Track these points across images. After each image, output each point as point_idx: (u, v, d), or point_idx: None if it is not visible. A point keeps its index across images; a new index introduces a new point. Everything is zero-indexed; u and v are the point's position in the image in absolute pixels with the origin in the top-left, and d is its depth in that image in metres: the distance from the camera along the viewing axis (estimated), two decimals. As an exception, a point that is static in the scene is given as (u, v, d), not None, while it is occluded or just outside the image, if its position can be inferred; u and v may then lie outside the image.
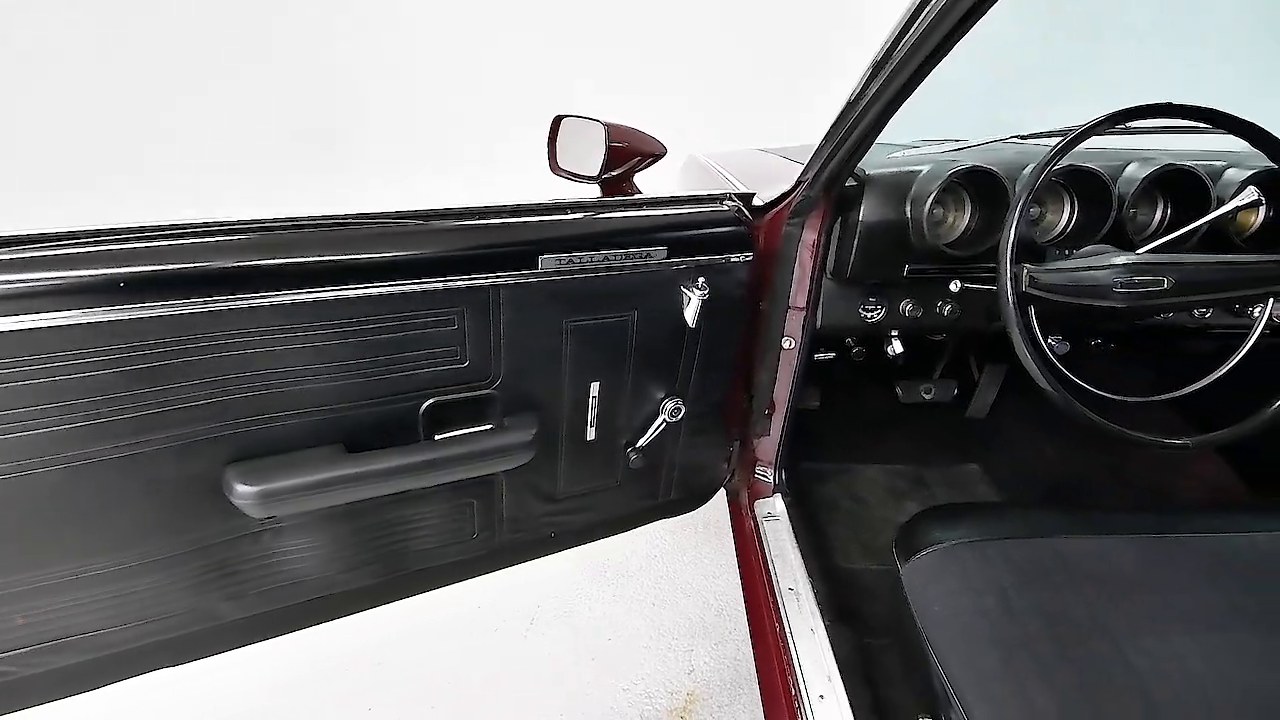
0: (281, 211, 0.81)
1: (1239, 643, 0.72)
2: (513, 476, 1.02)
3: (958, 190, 1.08)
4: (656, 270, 0.96)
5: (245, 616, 0.97)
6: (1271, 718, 0.65)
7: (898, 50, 0.77)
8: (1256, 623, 0.74)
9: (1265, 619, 0.75)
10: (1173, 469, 1.60)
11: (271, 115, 3.90)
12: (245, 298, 0.75)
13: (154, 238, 0.72)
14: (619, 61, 4.02)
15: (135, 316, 0.70)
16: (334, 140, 3.95)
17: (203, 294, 0.73)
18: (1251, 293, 0.90)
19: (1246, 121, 0.89)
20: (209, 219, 0.76)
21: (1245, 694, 0.67)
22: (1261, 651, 0.71)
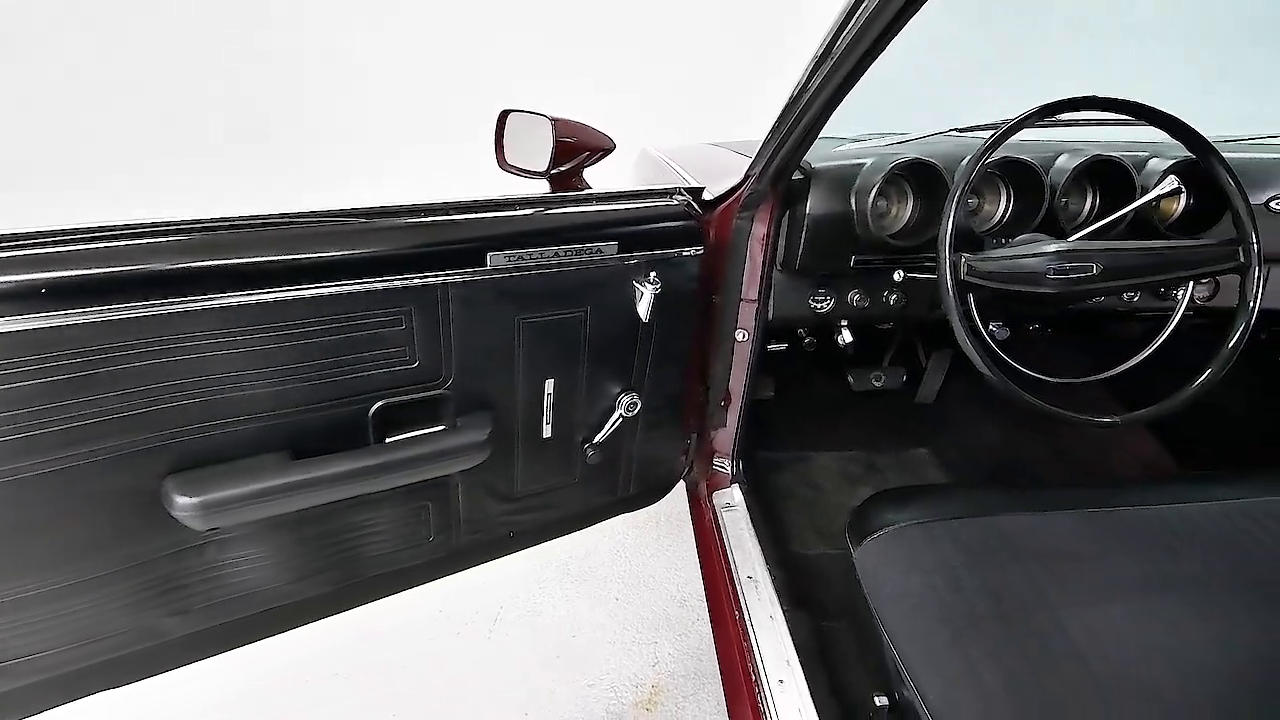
0: (218, 211, 0.78)
1: (1169, 608, 0.76)
2: (468, 477, 1.01)
3: (900, 182, 1.11)
4: (608, 265, 0.96)
5: (192, 632, 0.93)
6: (1199, 677, 0.69)
7: (837, 45, 0.79)
8: (1185, 589, 0.79)
9: (1193, 585, 0.79)
10: (1108, 446, 1.68)
11: (211, 113, 3.76)
12: (179, 301, 0.72)
13: (77, 241, 0.69)
14: (570, 56, 3.99)
15: (59, 324, 0.67)
16: (271, 139, 3.82)
17: (132, 299, 0.69)
18: (1173, 276, 0.95)
19: (1164, 113, 0.94)
20: (139, 220, 0.73)
21: (1174, 656, 0.71)
22: (1189, 615, 0.75)
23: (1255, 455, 1.65)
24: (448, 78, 3.92)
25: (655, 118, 3.71)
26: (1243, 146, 1.32)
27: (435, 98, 3.91)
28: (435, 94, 3.91)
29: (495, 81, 3.90)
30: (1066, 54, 2.80)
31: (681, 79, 4.02)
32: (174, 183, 3.52)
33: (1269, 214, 1.16)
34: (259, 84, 3.82)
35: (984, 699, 0.68)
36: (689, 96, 3.99)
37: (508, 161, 1.09)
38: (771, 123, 1.00)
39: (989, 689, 0.69)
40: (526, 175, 1.08)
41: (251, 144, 3.79)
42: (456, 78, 3.91)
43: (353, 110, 3.93)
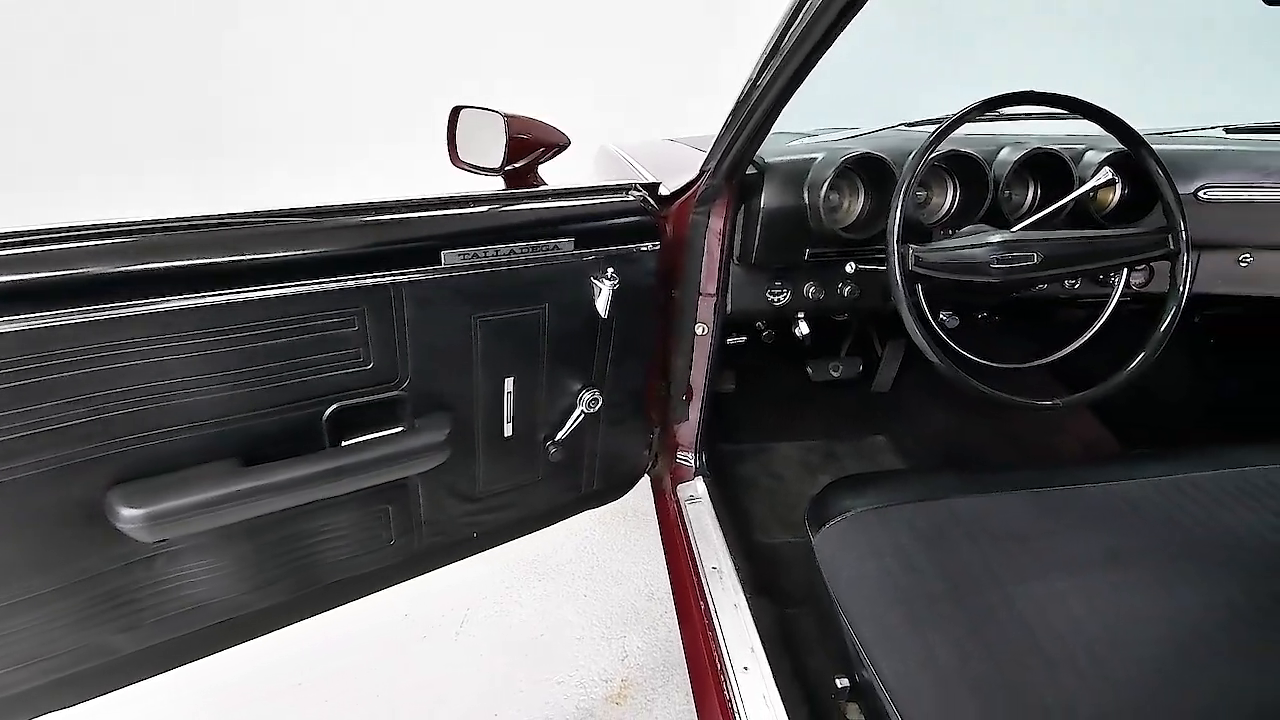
0: (161, 212, 0.76)
1: (1111, 581, 0.80)
2: (428, 479, 1.00)
3: (851, 176, 1.13)
4: (565, 262, 0.96)
5: (143, 648, 0.90)
6: (1141, 644, 0.72)
7: (785, 42, 0.80)
8: (1126, 562, 0.82)
9: (1133, 558, 0.83)
10: (1054, 428, 1.75)
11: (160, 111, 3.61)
12: (121, 306, 0.69)
13: (10, 245, 0.66)
14: (528, 51, 3.95)
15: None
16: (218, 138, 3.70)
17: (72, 304, 0.67)
18: (1108, 264, 0.99)
19: (1097, 107, 0.98)
20: (80, 222, 0.70)
21: (1117, 626, 0.74)
22: (1130, 586, 0.79)
23: (1190, 433, 1.73)
24: (404, 75, 3.85)
25: (619, 115, 3.71)
26: (1174, 139, 1.38)
27: (392, 95, 3.83)
28: (392, 91, 3.83)
29: (455, 78, 3.84)
30: (1011, 50, 2.89)
31: (642, 75, 4.02)
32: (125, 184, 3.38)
33: (1198, 203, 1.22)
34: (219, 82, 3.69)
35: (938, 675, 0.70)
36: (649, 92, 3.99)
37: (461, 158, 1.08)
38: (724, 118, 1.01)
39: (943, 665, 0.71)
40: (480, 172, 1.07)
41: (206, 143, 3.66)
42: (412, 75, 3.84)
43: (304, 109, 3.83)
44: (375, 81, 3.84)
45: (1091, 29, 2.88)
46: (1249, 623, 0.73)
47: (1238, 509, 0.87)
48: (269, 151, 3.74)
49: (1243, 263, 1.33)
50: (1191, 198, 1.20)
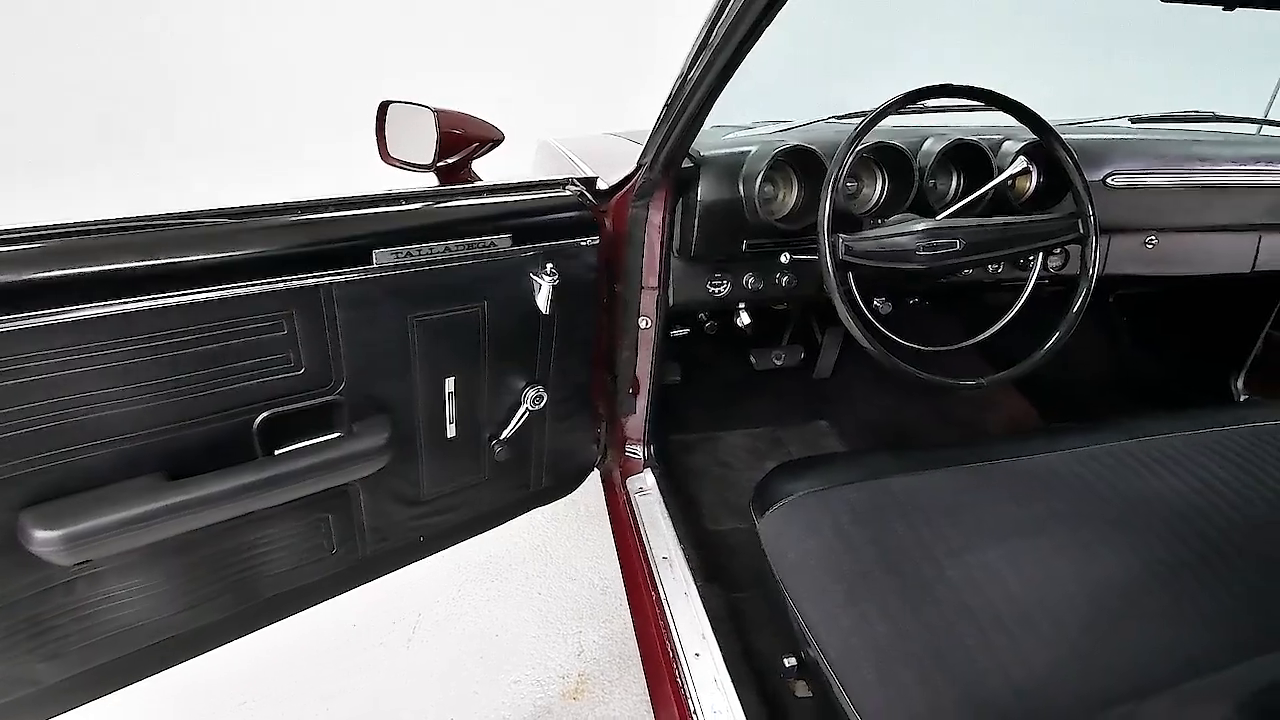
0: (71, 215, 0.71)
1: (1036, 548, 0.84)
2: (369, 484, 0.98)
3: (784, 168, 1.16)
4: (503, 259, 0.95)
5: (71, 676, 0.85)
6: (1065, 605, 0.76)
7: (713, 36, 0.81)
8: (1049, 529, 0.87)
9: (1056, 525, 0.88)
10: (983, 407, 1.83)
11: (73, 108, 3.39)
12: (29, 316, 0.65)
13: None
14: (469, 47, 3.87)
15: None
16: (135, 137, 3.50)
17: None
18: (1025, 249, 1.04)
19: (1010, 98, 1.03)
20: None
21: (1042, 589, 0.79)
22: (1053, 552, 0.84)
23: (1105, 406, 1.85)
24: (330, 70, 3.72)
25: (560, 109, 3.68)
26: (1084, 129, 1.46)
27: (317, 91, 3.70)
28: (316, 87, 3.70)
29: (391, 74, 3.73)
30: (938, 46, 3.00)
31: (581, 68, 4.00)
32: (30, 185, 3.16)
33: (1106, 189, 1.29)
34: (133, 75, 3.48)
35: (877, 647, 0.73)
36: (590, 85, 3.97)
37: (391, 155, 1.05)
38: (658, 113, 1.02)
39: (881, 638, 0.74)
40: (412, 168, 1.04)
41: (121, 144, 3.46)
42: (339, 70, 3.71)
43: (224, 104, 3.66)
44: (297, 77, 3.70)
45: (1012, 26, 3.02)
46: (1159, 579, 0.79)
47: (1145, 475, 0.93)
48: (187, 151, 3.56)
49: (1149, 244, 1.42)
50: (1100, 184, 1.28)
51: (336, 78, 3.66)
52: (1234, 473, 0.93)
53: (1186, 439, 1.00)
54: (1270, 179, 1.36)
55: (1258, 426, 1.02)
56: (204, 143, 3.60)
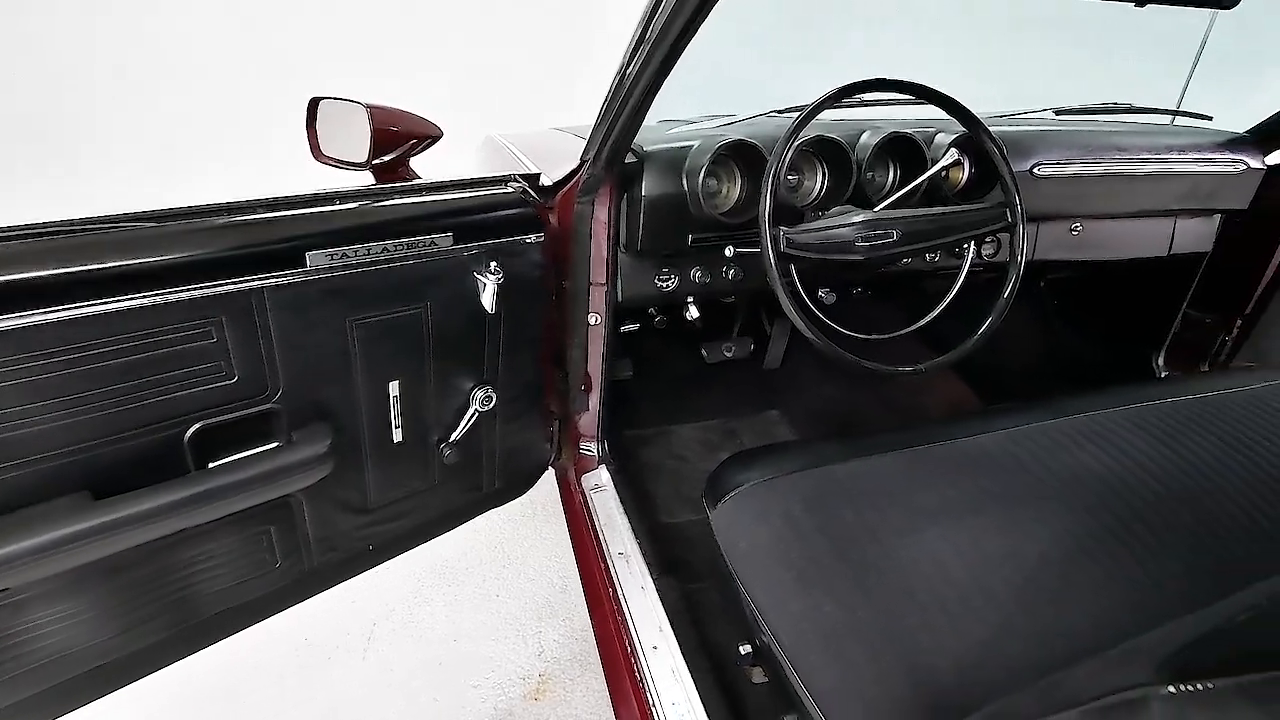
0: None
1: (974, 526, 0.87)
2: (313, 494, 0.95)
3: (727, 162, 1.17)
4: (444, 258, 0.93)
5: None
6: (1001, 580, 0.79)
7: (651, 30, 0.81)
8: (986, 508, 0.90)
9: (992, 503, 0.91)
10: (926, 391, 1.89)
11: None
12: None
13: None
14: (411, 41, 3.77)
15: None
16: (53, 138, 3.30)
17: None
18: (958, 238, 1.08)
19: (941, 92, 1.06)
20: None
21: (980, 566, 0.82)
22: (990, 529, 0.87)
23: (1037, 386, 1.93)
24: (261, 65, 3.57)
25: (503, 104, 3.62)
26: (1012, 121, 1.52)
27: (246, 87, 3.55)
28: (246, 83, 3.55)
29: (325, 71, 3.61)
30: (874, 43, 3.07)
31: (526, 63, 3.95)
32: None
33: (1033, 179, 1.35)
34: (42, 72, 3.27)
35: (826, 630, 0.75)
36: (534, 81, 3.93)
37: (324, 153, 1.02)
38: (599, 108, 1.01)
39: (829, 621, 0.76)
40: (346, 167, 1.01)
41: (38, 143, 3.25)
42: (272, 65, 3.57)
43: (144, 102, 3.48)
44: (225, 73, 3.54)
45: (943, 24, 3.11)
46: (1086, 551, 0.83)
47: (1074, 451, 0.98)
48: (105, 152, 3.38)
49: (1074, 231, 1.48)
50: (1027, 174, 1.33)
51: (266, 74, 3.52)
52: (1155, 446, 0.98)
53: (1111, 415, 1.06)
54: (1183, 167, 1.44)
55: (1176, 401, 1.08)
56: (123, 145, 3.42)
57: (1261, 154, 1.49)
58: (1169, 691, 0.41)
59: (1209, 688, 0.39)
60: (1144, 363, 1.78)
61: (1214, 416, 1.02)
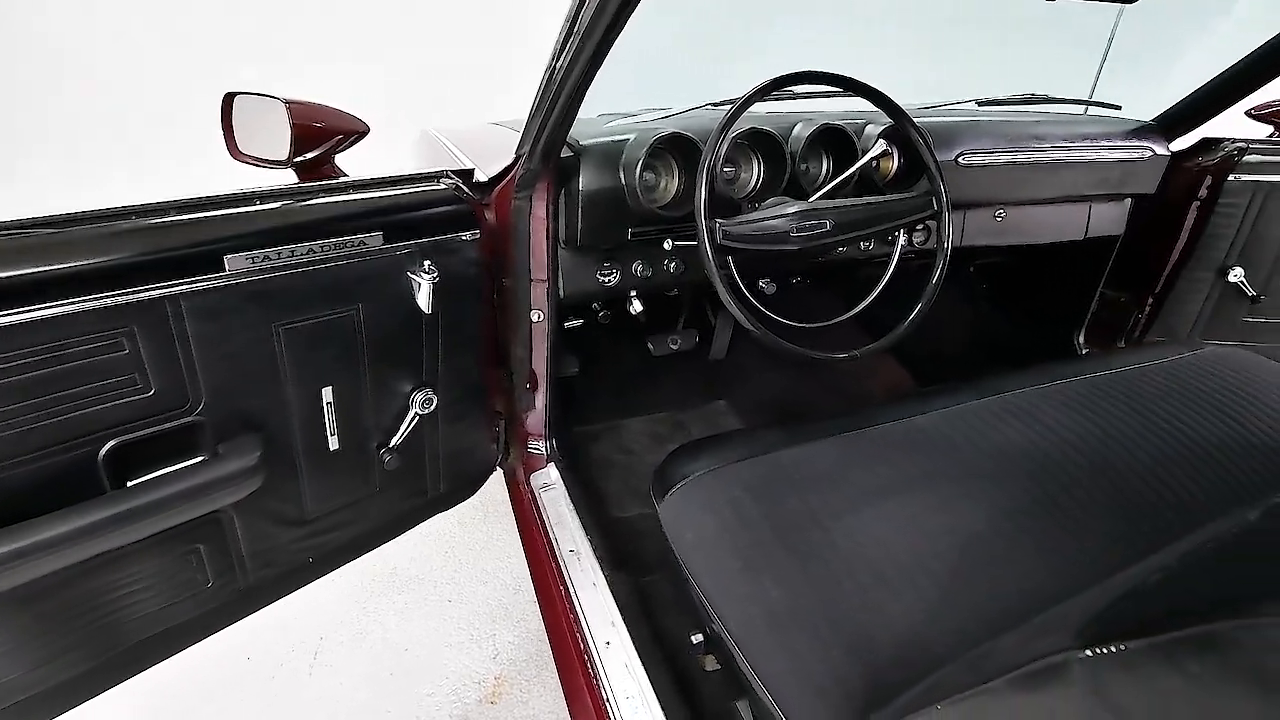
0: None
1: (911, 505, 0.90)
2: (244, 508, 0.91)
3: (664, 156, 1.17)
4: (375, 258, 0.90)
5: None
6: (939, 556, 0.82)
7: (579, 23, 0.80)
8: (922, 487, 0.93)
9: (927, 482, 0.94)
10: (865, 376, 1.95)
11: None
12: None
13: None
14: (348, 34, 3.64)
15: None
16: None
17: None
18: (888, 226, 1.11)
19: (867, 85, 1.09)
20: None
21: (915, 543, 0.84)
22: (926, 508, 0.90)
23: (970, 367, 2.01)
24: (174, 59, 3.39)
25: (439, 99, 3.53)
26: (937, 112, 1.57)
27: (158, 83, 3.36)
28: (157, 79, 3.36)
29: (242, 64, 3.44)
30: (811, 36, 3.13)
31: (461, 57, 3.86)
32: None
33: (958, 168, 1.39)
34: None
35: (773, 614, 0.76)
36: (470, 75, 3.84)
37: (242, 151, 0.97)
38: (532, 102, 1.00)
39: (775, 605, 0.77)
40: (266, 165, 0.97)
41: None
42: (186, 59, 3.39)
43: (41, 99, 3.26)
44: (126, 67, 3.34)
45: (866, 19, 3.20)
46: (1016, 523, 0.87)
47: (1002, 428, 1.02)
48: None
49: (998, 217, 1.55)
50: (953, 163, 1.37)
51: (174, 68, 3.34)
52: (1076, 420, 1.03)
53: (1036, 392, 1.10)
54: (1095, 154, 1.52)
55: (1095, 376, 1.13)
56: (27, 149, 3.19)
57: (1166, 141, 1.58)
58: (1087, 655, 0.43)
59: (1124, 649, 0.41)
60: (1066, 341, 1.88)
61: (1129, 389, 1.08)
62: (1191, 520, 0.82)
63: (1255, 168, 1.51)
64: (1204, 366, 1.11)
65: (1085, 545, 0.81)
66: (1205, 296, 1.66)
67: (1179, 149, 1.60)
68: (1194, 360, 1.14)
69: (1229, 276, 1.60)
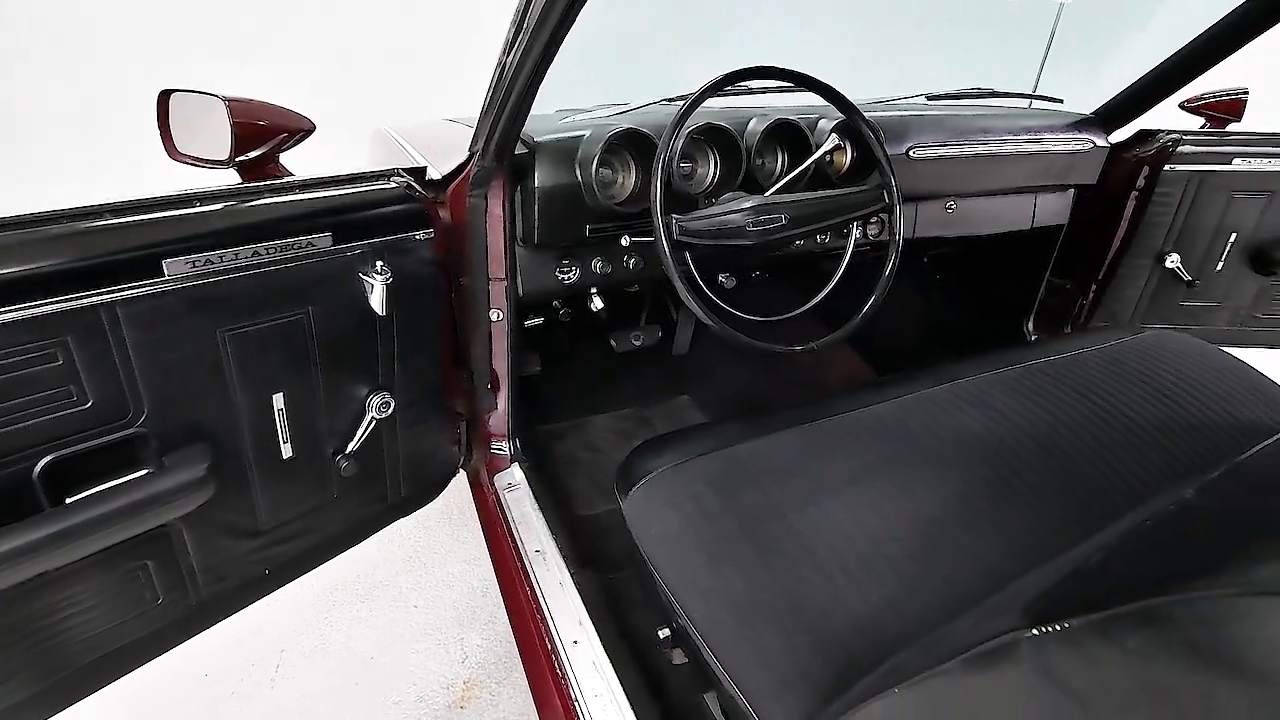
0: None
1: (870, 492, 0.92)
2: (194, 521, 0.88)
3: (621, 151, 1.16)
4: (325, 260, 0.88)
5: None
6: (897, 542, 0.84)
7: (528, 19, 0.79)
8: (880, 474, 0.95)
9: (885, 470, 0.96)
10: (825, 367, 1.98)
11: None
12: None
13: None
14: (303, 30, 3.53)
15: None
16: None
17: None
18: (842, 219, 1.13)
19: (818, 80, 1.10)
20: None
21: (874, 530, 0.86)
22: (884, 494, 0.92)
23: (925, 355, 2.06)
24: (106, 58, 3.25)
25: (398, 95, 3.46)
26: (889, 106, 1.60)
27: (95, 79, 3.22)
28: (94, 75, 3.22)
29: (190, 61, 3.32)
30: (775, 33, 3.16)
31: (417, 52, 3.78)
32: None
33: (909, 161, 1.42)
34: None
35: (736, 606, 0.77)
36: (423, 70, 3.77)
37: (180, 151, 0.94)
38: (484, 98, 0.98)
39: (739, 597, 0.78)
40: (207, 165, 0.93)
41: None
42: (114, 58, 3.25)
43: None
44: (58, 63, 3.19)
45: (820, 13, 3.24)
46: (970, 507, 0.89)
47: (955, 414, 1.05)
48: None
49: (949, 209, 1.58)
50: (904, 157, 1.40)
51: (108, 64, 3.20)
52: (1025, 404, 1.07)
53: (987, 379, 1.14)
54: (1039, 146, 1.56)
55: (1043, 361, 1.17)
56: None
57: (1105, 133, 1.64)
58: (1034, 634, 0.44)
59: (1067, 627, 0.42)
60: (1016, 328, 1.94)
61: (1075, 374, 1.11)
62: (1133, 499, 0.85)
63: (1189, 158, 1.58)
64: (1144, 350, 1.16)
65: (1035, 527, 0.84)
66: (1145, 282, 1.73)
67: (1118, 141, 1.66)
68: (1134, 344, 1.18)
69: (1166, 263, 1.67)
